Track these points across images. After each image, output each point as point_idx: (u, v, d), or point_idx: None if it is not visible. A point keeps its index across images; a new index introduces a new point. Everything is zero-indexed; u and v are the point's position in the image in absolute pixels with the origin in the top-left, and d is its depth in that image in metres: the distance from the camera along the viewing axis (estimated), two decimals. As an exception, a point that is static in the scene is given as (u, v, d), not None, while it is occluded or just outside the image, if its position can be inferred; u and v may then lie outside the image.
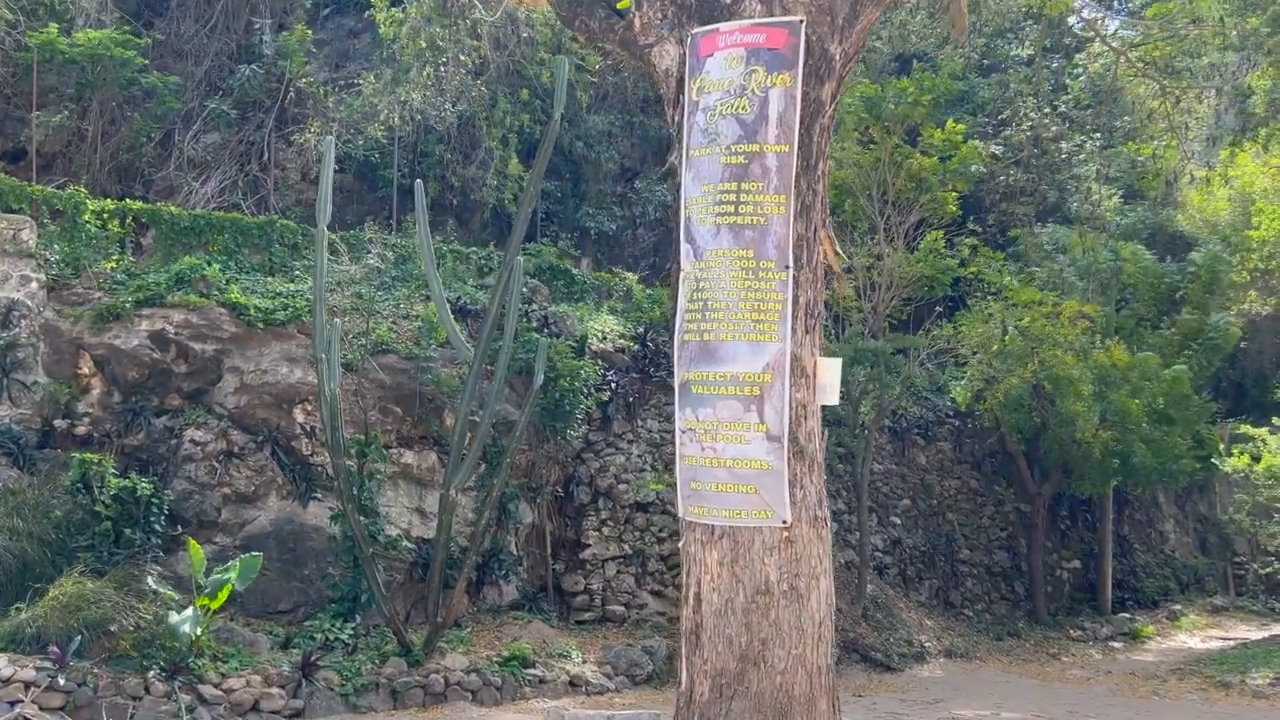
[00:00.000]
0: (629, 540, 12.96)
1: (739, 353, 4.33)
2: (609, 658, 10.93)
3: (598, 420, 13.23)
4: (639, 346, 14.05)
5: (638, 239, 19.21)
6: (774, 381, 4.31)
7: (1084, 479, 16.46)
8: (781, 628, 4.30)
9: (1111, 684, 12.69)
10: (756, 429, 4.30)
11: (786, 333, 4.33)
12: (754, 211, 4.36)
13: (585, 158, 18.07)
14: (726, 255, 4.38)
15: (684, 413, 4.47)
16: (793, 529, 4.33)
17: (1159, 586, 19.46)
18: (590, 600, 12.48)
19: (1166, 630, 17.11)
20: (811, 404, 4.44)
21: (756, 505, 4.31)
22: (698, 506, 4.44)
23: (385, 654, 9.66)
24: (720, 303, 4.37)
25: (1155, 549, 20.22)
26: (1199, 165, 29.71)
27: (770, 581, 4.31)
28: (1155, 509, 20.82)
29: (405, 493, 11.56)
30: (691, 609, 4.48)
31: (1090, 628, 16.46)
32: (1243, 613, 19.33)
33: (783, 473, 4.30)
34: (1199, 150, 30.59)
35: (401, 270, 13.14)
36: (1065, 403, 15.31)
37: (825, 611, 4.41)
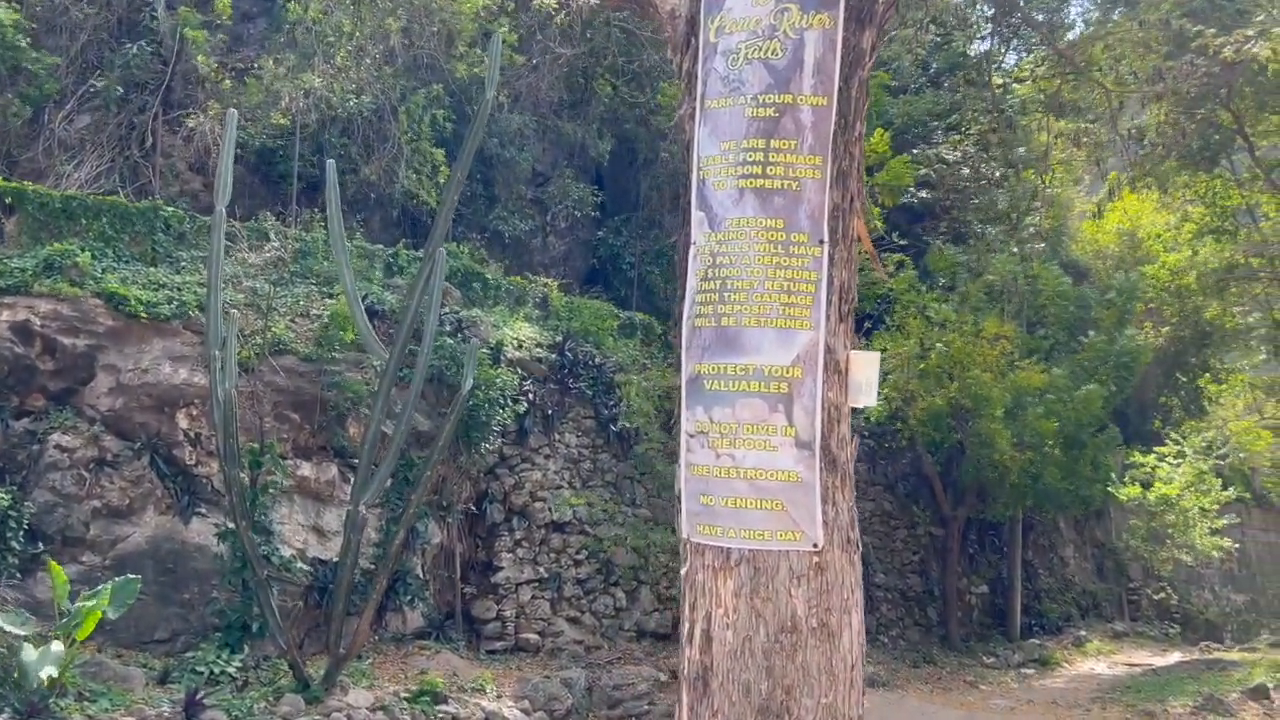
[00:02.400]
0: (545, 563, 12.13)
1: (765, 341, 3.62)
2: (526, 691, 10.05)
3: (513, 433, 12.37)
4: (557, 356, 13.26)
5: (549, 246, 18.42)
6: (805, 377, 3.61)
7: (998, 502, 16.32)
8: (810, 672, 3.58)
9: (1036, 714, 12.38)
10: (784, 433, 3.59)
11: (820, 319, 3.64)
12: (785, 174, 3.66)
13: (499, 157, 17.21)
14: (751, 225, 3.66)
15: (693, 412, 3.72)
16: (824, 554, 3.62)
17: (1062, 612, 19.52)
18: (502, 628, 11.59)
19: (1074, 656, 17.04)
20: (844, 405, 3.76)
21: (782, 524, 3.59)
22: (708, 525, 3.70)
23: (280, 689, 8.58)
24: (742, 282, 3.65)
25: (1057, 574, 20.31)
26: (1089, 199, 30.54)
27: (798, 616, 3.59)
28: (1056, 534, 20.95)
29: (301, 509, 10.48)
30: (698, 650, 3.72)
31: (1003, 654, 16.27)
32: (1141, 638, 19.51)
33: (814, 486, 3.60)
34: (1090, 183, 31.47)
35: (302, 265, 12.06)
36: (984, 423, 15.12)
37: (858, 653, 3.72)
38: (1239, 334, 24.17)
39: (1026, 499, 16.20)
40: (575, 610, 12.25)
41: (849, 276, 3.79)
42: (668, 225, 19.53)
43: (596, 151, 18.63)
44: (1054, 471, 15.61)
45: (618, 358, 13.96)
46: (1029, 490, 15.80)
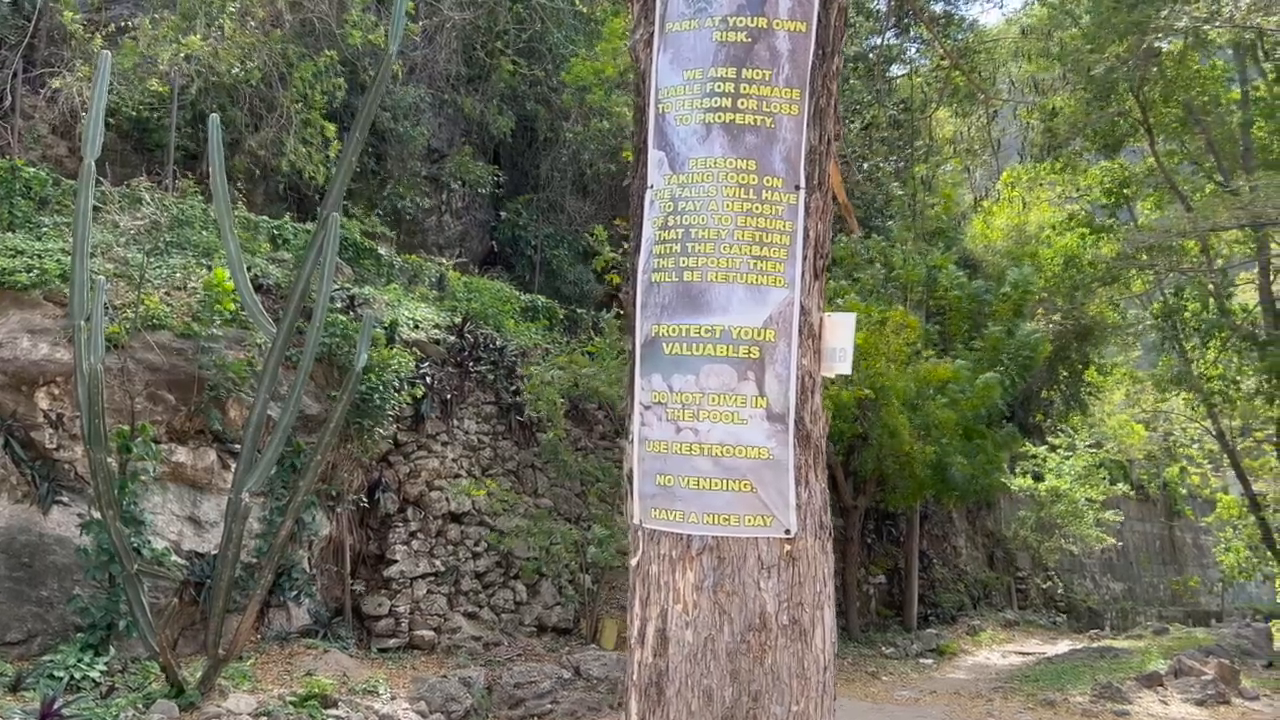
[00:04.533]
0: (441, 555, 11.50)
1: (733, 300, 3.16)
2: (422, 692, 9.43)
3: (408, 419, 11.70)
4: (456, 338, 12.62)
5: (446, 225, 17.69)
6: (778, 340, 3.16)
7: (899, 492, 16.30)
8: (780, 675, 3.14)
9: (941, 704, 12.30)
10: (755, 404, 3.14)
11: (795, 275, 3.20)
12: (758, 109, 3.21)
13: (392, 132, 16.41)
14: (719, 166, 3.20)
15: (649, 380, 3.24)
16: (796, 541, 3.19)
17: (955, 601, 19.73)
18: (395, 624, 10.93)
19: (969, 645, 17.17)
20: (818, 373, 3.33)
21: (751, 508, 3.14)
22: (666, 509, 3.22)
23: (150, 695, 7.79)
24: (708, 231, 3.18)
25: (951, 564, 20.53)
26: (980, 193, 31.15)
27: (767, 613, 3.15)
28: (950, 525, 21.19)
29: (176, 498, 9.64)
30: (651, 652, 3.24)
31: (901, 644, 16.27)
32: (1031, 626, 19.86)
33: (787, 464, 3.16)
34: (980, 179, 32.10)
35: (179, 235, 11.15)
36: (888, 413, 15.04)
37: (831, 653, 3.29)
38: (1118, 329, 24.93)
39: (928, 489, 16.23)
40: (473, 605, 11.67)
41: (824, 229, 3.36)
42: (570, 209, 19.01)
43: (497, 129, 17.97)
44: (960, 462, 15.67)
45: (520, 341, 13.40)
46: (931, 480, 15.81)
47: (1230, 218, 17.14)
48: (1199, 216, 18.40)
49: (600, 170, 18.62)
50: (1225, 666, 13.21)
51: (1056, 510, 21.60)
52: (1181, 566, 29.36)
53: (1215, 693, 12.28)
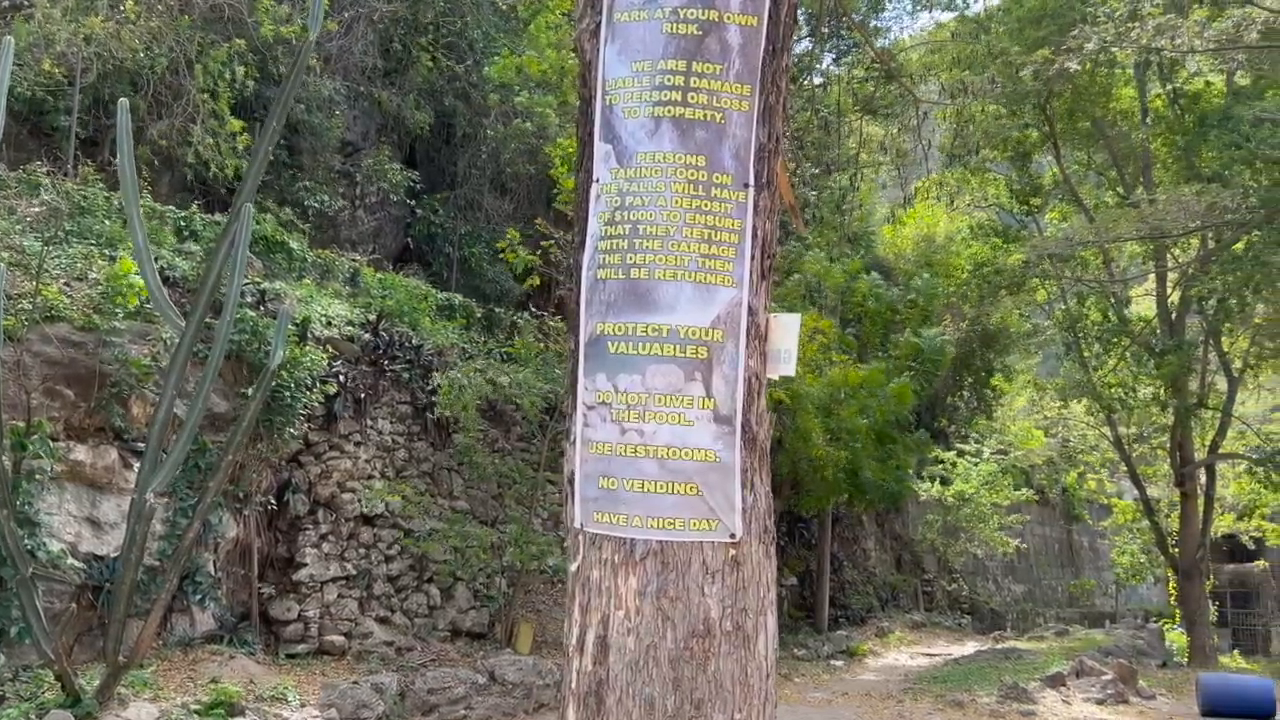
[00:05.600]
0: (353, 558, 11.22)
1: (681, 298, 3.09)
2: (332, 698, 9.15)
3: (320, 418, 11.38)
4: (370, 336, 12.33)
5: (359, 220, 17.29)
6: (726, 341, 3.10)
7: (812, 496, 16.48)
8: (723, 683, 3.08)
9: (853, 706, 12.44)
10: (702, 405, 3.07)
11: (744, 275, 3.15)
12: (708, 104, 3.14)
13: (306, 124, 15.99)
14: (668, 161, 3.12)
15: (593, 380, 3.15)
16: (741, 545, 3.13)
17: (865, 603, 20.02)
18: (305, 629, 10.61)
19: (879, 647, 17.44)
20: (764, 375, 3.28)
21: (697, 511, 3.08)
22: (609, 513, 3.13)
23: (44, 704, 7.40)
24: (657, 227, 3.11)
25: (861, 567, 20.84)
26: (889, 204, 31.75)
27: (711, 619, 3.08)
28: (860, 528, 21.52)
29: (74, 498, 9.19)
30: (591, 660, 3.15)
31: (813, 645, 16.44)
32: (937, 628, 20.27)
33: (734, 467, 3.10)
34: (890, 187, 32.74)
35: (80, 224, 10.66)
36: (802, 418, 15.19)
37: (773, 659, 3.25)
38: (1022, 337, 25.64)
39: (840, 493, 16.44)
40: (385, 609, 11.40)
41: (771, 228, 3.31)
42: (489, 207, 18.77)
43: (414, 124, 17.65)
44: (872, 466, 15.91)
45: (436, 340, 13.15)
46: (843, 485, 16.02)
47: (1131, 230, 17.74)
48: (1101, 228, 19.03)
49: (520, 170, 18.43)
50: (1124, 667, 13.64)
51: (962, 514, 22.09)
52: (1079, 569, 30.34)
53: (1115, 692, 12.66)
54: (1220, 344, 20.28)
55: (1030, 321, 25.85)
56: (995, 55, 17.68)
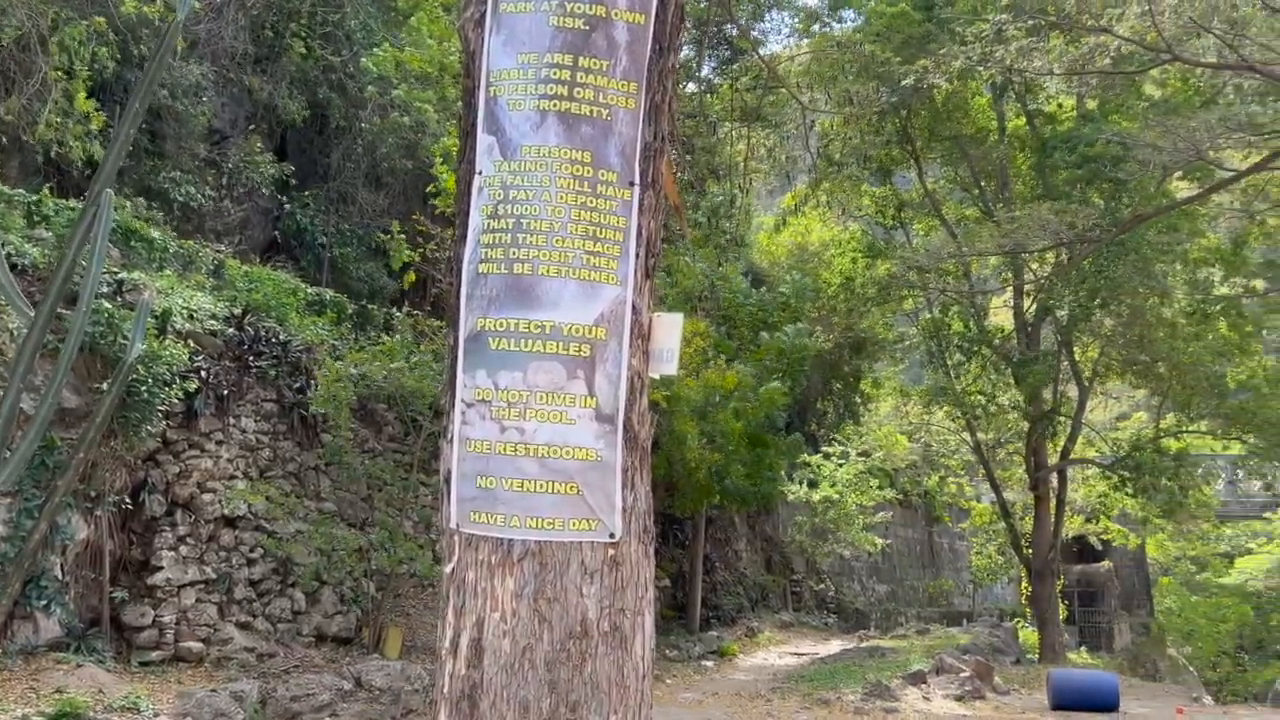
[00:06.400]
0: (212, 562, 10.78)
1: (565, 295, 3.05)
2: (188, 707, 8.77)
3: (180, 415, 10.90)
4: (235, 331, 11.88)
5: (225, 211, 16.65)
6: (609, 339, 3.08)
7: (686, 498, 16.61)
8: (599, 684, 3.05)
9: (723, 705, 12.58)
10: (584, 403, 3.04)
11: (628, 273, 3.13)
12: (595, 100, 3.11)
13: (170, 109, 15.33)
14: (553, 155, 3.08)
15: (473, 377, 3.08)
16: (620, 545, 3.11)
17: (735, 604, 20.30)
18: (160, 635, 10.14)
19: (749, 647, 17.71)
20: (646, 374, 3.26)
21: (577, 511, 3.04)
22: (487, 513, 3.07)
23: None
24: (541, 222, 3.06)
25: (732, 567, 21.13)
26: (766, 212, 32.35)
27: (589, 620, 3.05)
28: (732, 529, 21.81)
29: (-96, 498, 8.58)
30: (465, 663, 3.07)
31: (684, 646, 16.56)
32: (805, 627, 20.70)
33: (615, 466, 3.08)
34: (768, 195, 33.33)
35: (-85, 206, 9.97)
36: (679, 421, 15.30)
37: (649, 660, 3.23)
38: (889, 344, 26.45)
39: (713, 495, 16.62)
40: (247, 614, 10.99)
41: (656, 228, 3.30)
42: (363, 202, 18.34)
43: (286, 113, 17.11)
44: (739, 470, 16.12)
45: (306, 336, 12.76)
46: (716, 487, 16.20)
47: (991, 245, 18.49)
48: (964, 242, 19.78)
49: (397, 166, 18.06)
50: (981, 664, 14.17)
51: (830, 516, 22.62)
52: (939, 569, 31.42)
53: (972, 689, 13.14)
54: (1072, 354, 21.29)
55: (897, 330, 26.68)
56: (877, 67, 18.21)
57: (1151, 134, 14.45)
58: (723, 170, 21.78)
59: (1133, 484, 20.76)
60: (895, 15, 18.25)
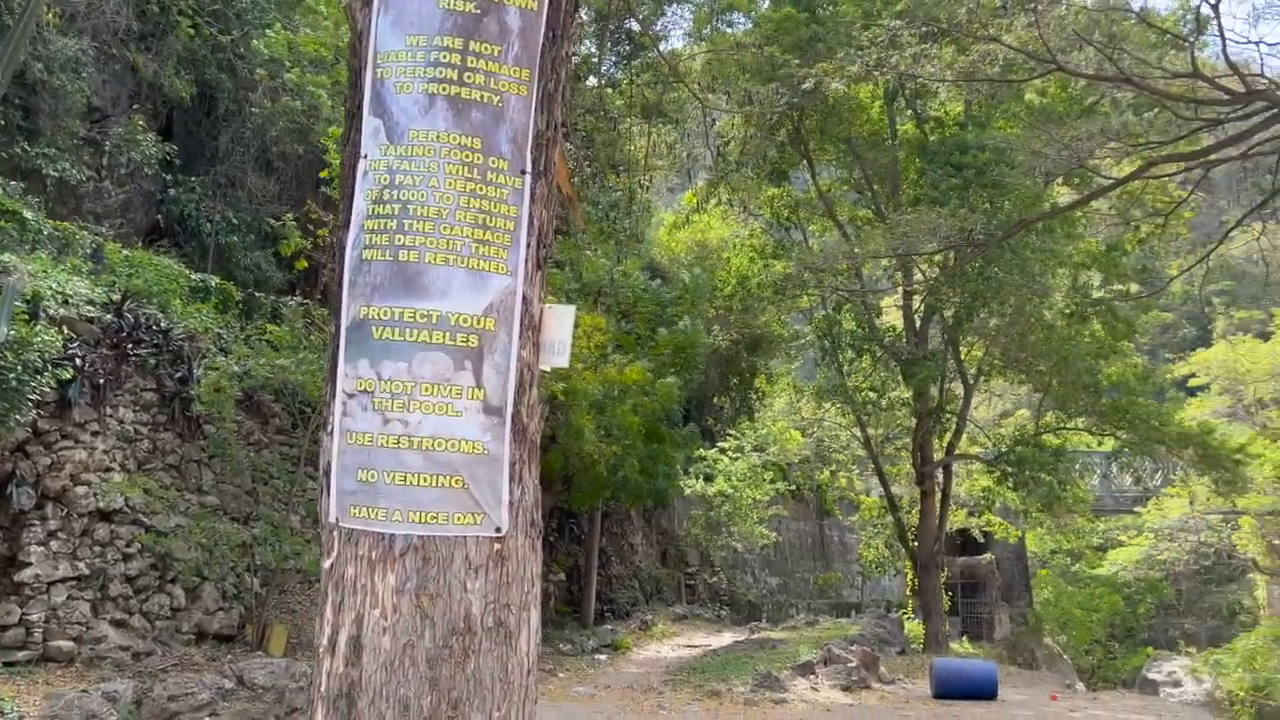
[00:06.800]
0: (86, 557, 10.35)
1: (453, 284, 2.98)
2: (56, 709, 8.38)
3: (52, 404, 10.41)
4: (114, 317, 11.40)
5: (105, 193, 15.97)
6: (499, 330, 3.03)
7: (583, 492, 16.59)
8: (483, 681, 2.99)
9: (616, 699, 12.60)
10: (471, 395, 2.98)
11: (519, 263, 3.08)
12: (486, 85, 3.05)
13: (47, 85, 14.61)
14: (442, 141, 3.01)
15: (355, 367, 3.00)
16: (506, 540, 3.06)
17: (630, 597, 20.37)
18: (27, 634, 9.70)
19: (642, 640, 17.78)
20: (537, 366, 3.22)
21: (462, 505, 2.98)
22: (368, 507, 2.98)
23: None
24: (428, 209, 2.99)
25: (628, 561, 21.19)
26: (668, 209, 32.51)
27: (472, 616, 2.99)
28: (628, 523, 21.87)
29: None
30: (343, 661, 2.98)
31: (578, 640, 16.55)
32: (698, 620, 20.88)
33: (502, 459, 3.03)
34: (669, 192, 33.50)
35: None
36: (577, 415, 15.26)
37: (534, 655, 3.19)
38: (784, 342, 26.87)
39: (610, 490, 16.63)
40: (123, 612, 10.57)
41: (548, 218, 3.26)
42: (252, 187, 17.79)
43: (172, 92, 16.48)
44: (634, 464, 16.16)
45: (189, 324, 12.32)
46: (612, 481, 16.21)
47: (883, 247, 18.91)
48: (856, 244, 20.19)
49: (289, 150, 17.57)
50: (867, 654, 14.48)
51: (725, 510, 22.86)
52: (829, 562, 32.06)
53: (859, 679, 13.43)
54: (958, 353, 21.93)
55: (792, 328, 27.11)
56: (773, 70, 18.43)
57: (1036, 142, 14.95)
58: (622, 166, 21.75)
59: (1014, 478, 21.48)
60: (783, 18, 18.54)
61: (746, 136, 21.71)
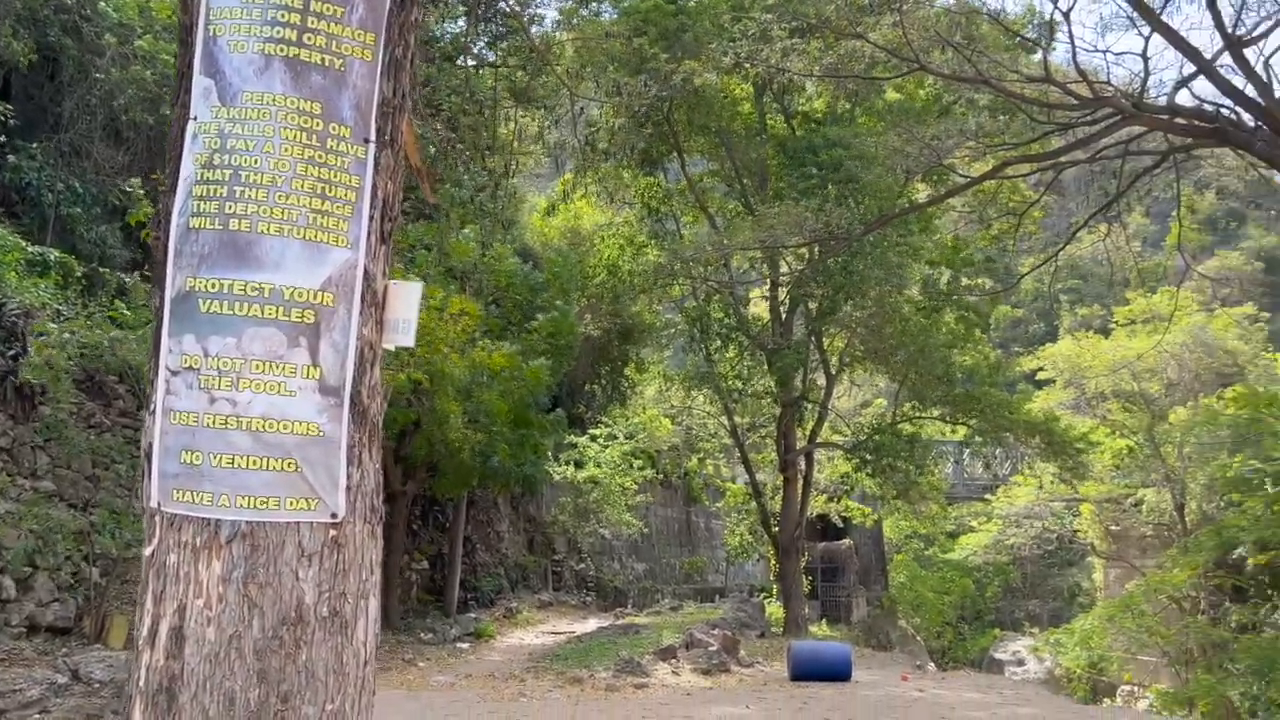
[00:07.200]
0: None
1: (288, 256, 2.83)
2: None
3: None
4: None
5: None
6: (337, 306, 2.89)
7: (449, 479, 16.33)
8: (315, 673, 2.86)
9: (476, 687, 12.46)
10: (306, 374, 2.83)
11: (360, 236, 2.95)
12: (327, 48, 2.90)
13: None
14: (278, 104, 2.85)
15: (179, 342, 2.82)
16: (343, 526, 2.93)
17: (495, 585, 20.19)
18: None
19: (506, 628, 17.65)
20: (379, 345, 3.09)
21: (295, 490, 2.84)
22: (192, 491, 2.81)
23: None
24: (262, 176, 2.83)
25: (494, 549, 20.99)
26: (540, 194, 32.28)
27: (305, 605, 2.85)
28: (495, 510, 21.66)
29: None
30: (163, 654, 2.81)
31: (440, 629, 16.32)
32: (564, 607, 20.85)
33: (339, 442, 2.90)
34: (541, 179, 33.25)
35: None
36: (443, 400, 15.00)
37: (372, 645, 3.07)
38: (655, 330, 27.04)
39: (476, 477, 16.41)
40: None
41: (394, 189, 3.13)
42: (98, 157, 16.85)
43: (10, 54, 15.46)
44: (504, 450, 15.99)
45: (25, 299, 11.59)
46: (479, 468, 16.00)
47: (751, 239, 19.16)
48: (725, 236, 20.41)
49: (139, 120, 16.70)
50: (728, 638, 14.70)
51: (594, 497, 22.87)
52: (695, 548, 32.47)
53: (719, 662, 13.61)
54: (821, 344, 22.43)
55: (664, 317, 27.28)
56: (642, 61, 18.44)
57: (896, 139, 15.36)
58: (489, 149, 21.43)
59: (872, 466, 22.09)
60: (650, 9, 18.58)
61: (614, 127, 21.69)
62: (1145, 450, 25.88)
